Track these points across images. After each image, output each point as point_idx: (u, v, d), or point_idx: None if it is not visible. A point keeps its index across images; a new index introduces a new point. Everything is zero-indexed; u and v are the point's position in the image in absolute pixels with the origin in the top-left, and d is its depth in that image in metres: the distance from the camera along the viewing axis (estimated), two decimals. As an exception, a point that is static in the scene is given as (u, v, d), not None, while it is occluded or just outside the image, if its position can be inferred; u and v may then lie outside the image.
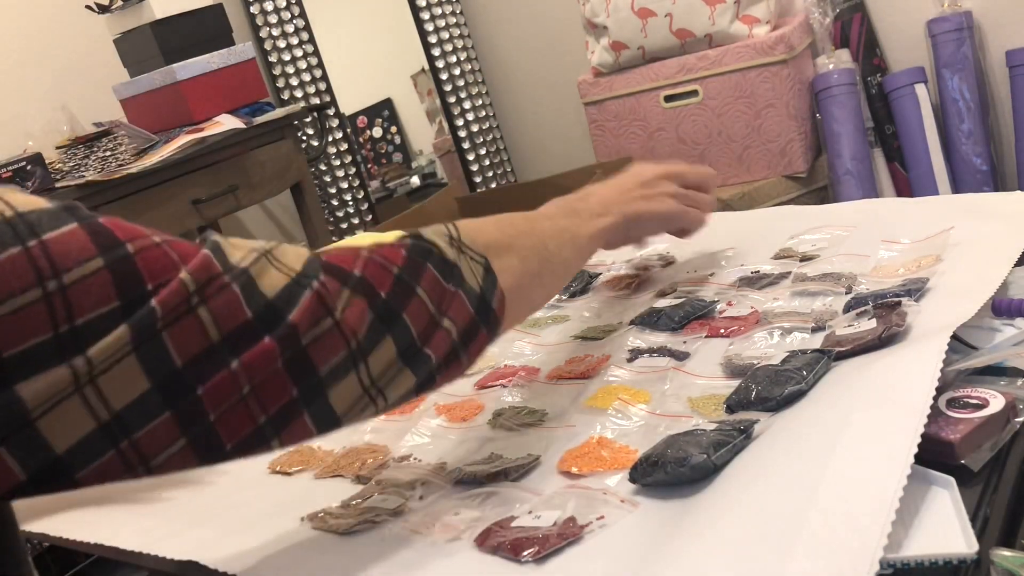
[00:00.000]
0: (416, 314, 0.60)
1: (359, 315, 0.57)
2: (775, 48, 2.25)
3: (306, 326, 0.54)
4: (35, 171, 1.86)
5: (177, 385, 0.49)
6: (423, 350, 0.61)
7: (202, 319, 0.50)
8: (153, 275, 0.49)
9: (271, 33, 2.72)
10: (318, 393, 0.55)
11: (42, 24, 2.36)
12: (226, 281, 0.51)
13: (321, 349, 0.55)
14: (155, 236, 0.51)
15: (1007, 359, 0.68)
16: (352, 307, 0.56)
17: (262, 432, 0.53)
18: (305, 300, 0.54)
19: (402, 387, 0.61)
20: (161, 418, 0.49)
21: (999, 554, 0.49)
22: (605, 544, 0.60)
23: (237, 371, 0.51)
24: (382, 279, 0.59)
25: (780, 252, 1.04)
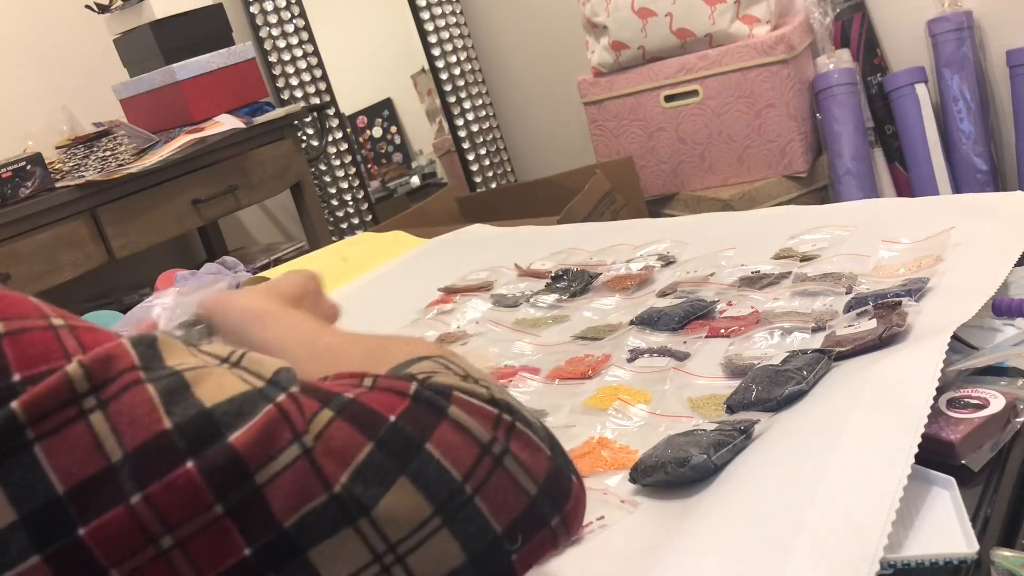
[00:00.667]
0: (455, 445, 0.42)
1: (348, 445, 0.40)
2: (775, 48, 2.25)
3: (257, 457, 0.38)
4: (35, 171, 1.86)
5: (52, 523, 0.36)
6: (473, 501, 0.41)
7: (95, 429, 0.36)
8: (26, 363, 0.37)
9: (271, 33, 2.72)
10: (289, 554, 0.38)
11: (42, 24, 2.36)
12: (138, 378, 0.38)
13: (286, 491, 0.38)
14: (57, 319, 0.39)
15: (1007, 359, 0.68)
16: (335, 432, 0.40)
17: None
18: (261, 417, 0.39)
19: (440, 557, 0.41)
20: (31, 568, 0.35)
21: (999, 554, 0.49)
22: (605, 544, 0.60)
23: (139, 509, 0.36)
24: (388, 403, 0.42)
25: (780, 252, 1.04)
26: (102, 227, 1.92)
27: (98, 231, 1.91)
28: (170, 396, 0.38)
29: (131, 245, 1.96)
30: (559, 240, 1.35)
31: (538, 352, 0.97)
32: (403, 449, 0.41)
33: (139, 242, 1.97)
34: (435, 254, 1.52)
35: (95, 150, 2.02)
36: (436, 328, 1.13)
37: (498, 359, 0.97)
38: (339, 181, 2.81)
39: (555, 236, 1.42)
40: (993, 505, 0.55)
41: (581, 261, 1.23)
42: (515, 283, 1.23)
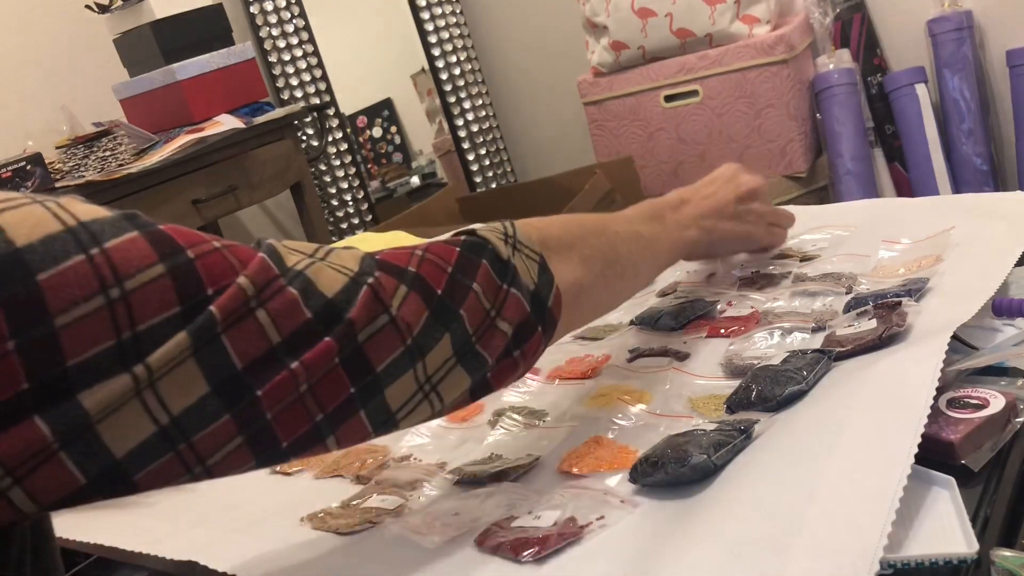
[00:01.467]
0: (471, 311, 0.60)
1: (415, 311, 0.57)
2: (775, 48, 2.25)
3: (363, 323, 0.54)
4: (35, 171, 1.86)
5: (236, 388, 0.49)
6: (477, 349, 0.61)
7: (261, 322, 0.50)
8: (213, 279, 0.49)
9: (271, 33, 2.72)
10: (375, 391, 0.55)
11: (42, 24, 2.36)
12: (283, 284, 0.52)
13: (378, 346, 0.55)
14: (214, 241, 0.51)
15: (1007, 359, 0.68)
16: (408, 303, 0.56)
17: (318, 430, 0.53)
18: (362, 297, 0.54)
19: (457, 387, 0.60)
20: (220, 421, 0.49)
21: (1000, 554, 0.49)
22: (605, 544, 0.60)
23: (296, 371, 0.51)
24: (437, 276, 0.59)
25: (780, 252, 1.04)
26: (102, 227, 1.91)
27: (98, 231, 1.91)
28: (304, 292, 0.52)
29: (131, 245, 1.95)
30: (559, 240, 1.35)
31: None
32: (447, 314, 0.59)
33: (139, 242, 1.97)
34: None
35: (95, 150, 2.02)
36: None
37: (498, 359, 0.97)
38: (339, 181, 2.81)
39: (555, 236, 1.41)
40: (993, 505, 0.55)
41: (581, 261, 1.22)
42: (515, 283, 1.22)
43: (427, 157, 3.24)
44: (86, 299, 0.44)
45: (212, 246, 0.50)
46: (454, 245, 0.62)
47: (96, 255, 0.45)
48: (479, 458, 0.76)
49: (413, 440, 0.83)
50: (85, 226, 0.46)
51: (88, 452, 0.45)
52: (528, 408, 0.83)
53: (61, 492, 0.45)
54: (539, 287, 0.65)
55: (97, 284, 0.45)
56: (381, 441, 0.85)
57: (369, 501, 0.73)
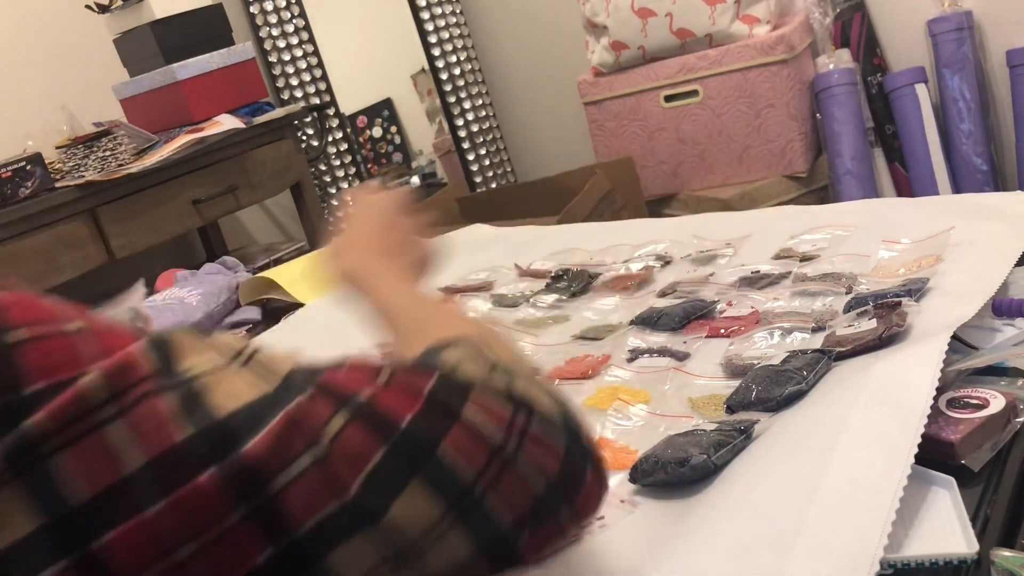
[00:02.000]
0: (467, 448, 0.43)
1: (361, 449, 0.40)
2: (775, 48, 2.25)
3: (272, 464, 0.38)
4: (35, 171, 1.86)
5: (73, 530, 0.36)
6: (483, 498, 0.42)
7: (113, 440, 0.37)
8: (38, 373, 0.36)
9: (271, 33, 2.72)
10: (306, 559, 0.39)
11: (42, 24, 2.36)
12: (152, 388, 0.38)
13: (301, 497, 0.39)
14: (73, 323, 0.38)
15: (1007, 359, 0.68)
16: (348, 436, 0.40)
17: None
18: (275, 422, 0.39)
19: (450, 552, 0.42)
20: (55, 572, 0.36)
21: (999, 554, 0.49)
22: (605, 544, 0.60)
23: (161, 517, 0.37)
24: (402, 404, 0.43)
25: (780, 252, 1.04)
26: (102, 227, 1.92)
27: (98, 231, 1.91)
28: (186, 406, 0.38)
29: (131, 245, 1.96)
30: (559, 240, 1.35)
31: (538, 352, 0.97)
32: (416, 454, 0.41)
33: (139, 242, 1.97)
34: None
35: (95, 150, 2.02)
36: (436, 328, 1.13)
37: (498, 359, 0.97)
38: (339, 181, 2.81)
39: (555, 236, 1.42)
40: (993, 505, 0.55)
41: (581, 261, 1.23)
42: (515, 283, 1.23)
43: (427, 157, 3.23)
44: None
45: (57, 328, 0.38)
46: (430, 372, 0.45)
47: None
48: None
49: (413, 440, 0.83)
50: None
51: None
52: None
53: None
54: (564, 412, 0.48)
55: None
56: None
57: (369, 501, 0.73)
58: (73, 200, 1.87)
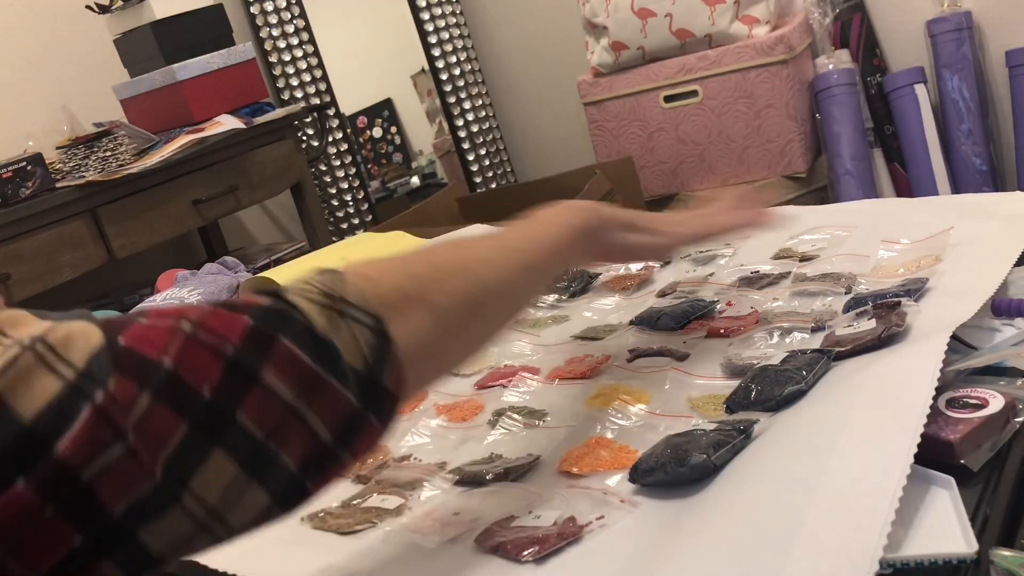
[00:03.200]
0: (261, 411, 0.44)
1: (163, 433, 0.41)
2: (775, 48, 2.25)
3: (83, 458, 0.38)
4: (35, 171, 1.86)
5: None
6: (276, 455, 0.45)
7: None
8: None
9: (271, 33, 2.72)
10: (120, 538, 0.40)
11: (42, 24, 2.36)
12: None
13: (112, 484, 0.39)
14: None
15: (1007, 359, 0.68)
16: (151, 420, 0.41)
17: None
18: (81, 421, 0.39)
19: (251, 507, 0.45)
20: None
21: (999, 554, 0.49)
22: (605, 544, 0.60)
23: None
24: (205, 368, 0.43)
25: (780, 252, 1.04)
26: (102, 227, 1.92)
27: (98, 231, 1.91)
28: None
29: (131, 245, 1.96)
30: (559, 240, 1.35)
31: (538, 352, 0.97)
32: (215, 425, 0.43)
33: (139, 242, 1.97)
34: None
35: (95, 150, 2.02)
36: (436, 328, 1.13)
37: (498, 359, 0.97)
38: (339, 181, 2.81)
39: (555, 236, 1.41)
40: (992, 505, 0.55)
41: (581, 261, 1.23)
42: (515, 283, 1.22)
43: (427, 157, 3.24)
44: None
45: None
46: (243, 312, 0.46)
47: None
48: (479, 458, 0.76)
49: (413, 440, 0.83)
50: None
51: None
52: (528, 408, 0.83)
53: None
54: (372, 365, 0.50)
55: None
56: (381, 441, 0.84)
57: (369, 501, 0.73)
58: (73, 200, 1.87)
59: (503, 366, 0.95)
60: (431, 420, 0.86)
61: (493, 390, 0.90)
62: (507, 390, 0.88)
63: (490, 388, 0.90)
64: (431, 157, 3.23)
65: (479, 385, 0.92)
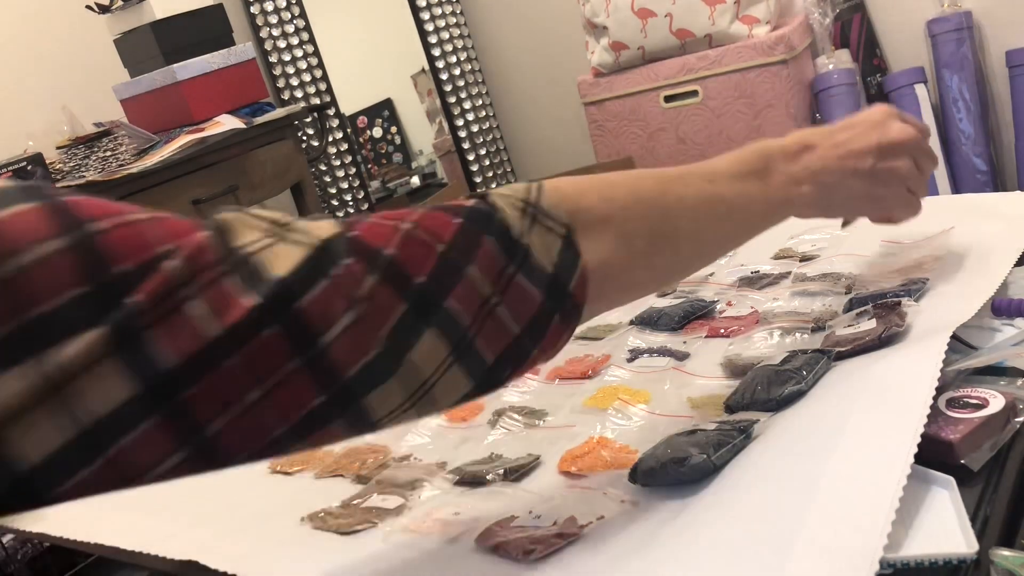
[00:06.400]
0: (466, 301, 0.51)
1: (385, 306, 0.48)
2: (775, 48, 2.25)
3: (321, 318, 0.46)
4: (35, 171, 1.86)
5: (166, 392, 0.42)
6: (475, 345, 0.51)
7: (194, 314, 0.43)
8: (126, 255, 0.42)
9: (271, 33, 2.72)
10: (349, 399, 0.47)
11: (42, 24, 2.36)
12: (223, 270, 0.44)
13: (344, 348, 0.46)
14: (135, 214, 0.44)
15: (1007, 359, 0.68)
16: (376, 296, 0.48)
17: (282, 443, 0.47)
18: (321, 288, 0.46)
19: (455, 390, 0.52)
20: (149, 427, 0.42)
21: (999, 554, 0.49)
22: (605, 544, 0.60)
23: (235, 370, 0.44)
24: (421, 259, 0.50)
25: (780, 252, 1.04)
26: (102, 227, 1.92)
27: (98, 231, 1.91)
28: (248, 279, 0.45)
29: (131, 245, 1.96)
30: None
31: (538, 352, 0.97)
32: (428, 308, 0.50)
33: (139, 242, 1.97)
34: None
35: (96, 150, 2.02)
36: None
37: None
38: (339, 181, 2.81)
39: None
40: (992, 505, 0.55)
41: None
42: (515, 283, 1.22)
43: (427, 157, 3.24)
44: None
45: (125, 219, 0.44)
46: (454, 214, 0.53)
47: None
48: (479, 458, 0.76)
49: (413, 440, 0.83)
50: None
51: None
52: (528, 408, 0.83)
53: None
54: (559, 269, 0.55)
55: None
56: (381, 441, 0.85)
57: (369, 501, 0.73)
58: (73, 200, 1.86)
59: (503, 366, 0.95)
60: (431, 420, 0.86)
61: (493, 390, 0.90)
62: (507, 390, 0.88)
63: (490, 388, 0.90)
64: (431, 157, 3.23)
65: (479, 385, 0.92)
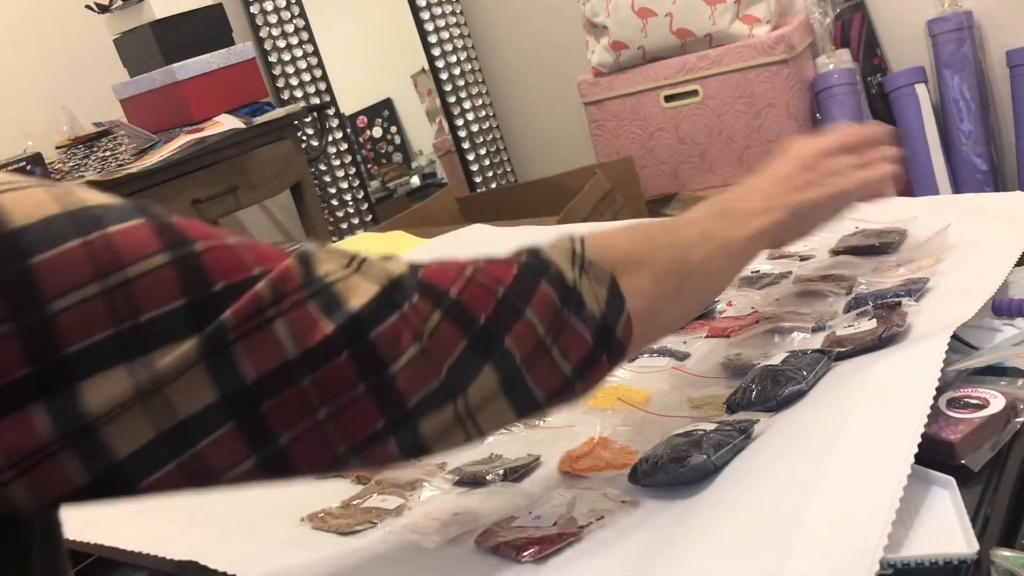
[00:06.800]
0: (521, 341, 0.54)
1: (448, 343, 0.52)
2: (775, 48, 2.25)
3: (389, 349, 0.49)
4: (35, 171, 1.86)
5: (246, 402, 0.46)
6: (528, 384, 0.55)
7: (276, 334, 0.47)
8: (221, 274, 0.46)
9: (271, 33, 2.72)
10: (406, 424, 0.51)
11: (42, 24, 2.36)
12: (305, 296, 0.48)
13: (409, 378, 0.50)
14: (230, 239, 0.49)
15: (1007, 359, 0.68)
16: (440, 334, 0.51)
17: (341, 460, 0.50)
18: (391, 322, 0.50)
19: (499, 419, 0.55)
20: (228, 435, 0.46)
21: (999, 554, 0.49)
22: (605, 544, 0.60)
23: (309, 389, 0.48)
24: (483, 301, 0.54)
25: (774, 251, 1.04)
26: (102, 227, 1.92)
27: (98, 231, 1.91)
28: (327, 307, 0.48)
29: (131, 245, 1.96)
30: (559, 240, 1.35)
31: (538, 352, 0.97)
32: (488, 345, 0.53)
33: (139, 242, 1.97)
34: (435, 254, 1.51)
35: (95, 150, 2.02)
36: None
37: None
38: (339, 181, 2.81)
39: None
40: (993, 505, 0.55)
41: (581, 261, 1.22)
42: (515, 283, 1.22)
43: (427, 157, 3.24)
44: (83, 285, 0.43)
45: (223, 242, 0.48)
46: (512, 264, 0.57)
47: (95, 239, 0.44)
48: (479, 458, 0.76)
49: (413, 440, 0.83)
50: (88, 210, 0.44)
51: (90, 452, 0.44)
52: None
53: (61, 490, 0.44)
54: (607, 315, 0.59)
55: (93, 270, 0.43)
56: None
57: (369, 501, 0.73)
58: (73, 200, 1.86)
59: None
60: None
61: (493, 390, 0.89)
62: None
63: (490, 388, 0.90)
64: (431, 157, 3.23)
65: (479, 385, 0.92)
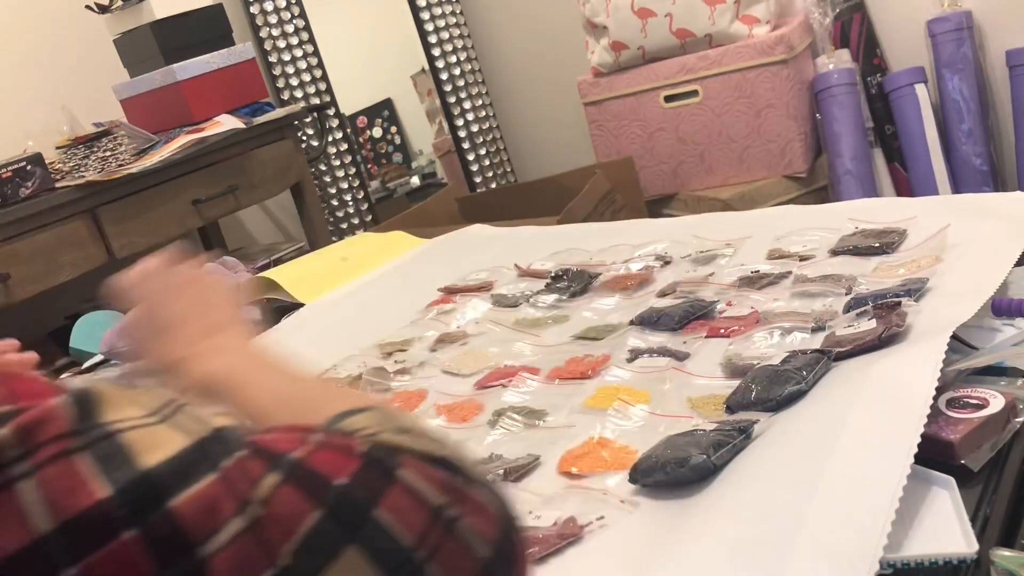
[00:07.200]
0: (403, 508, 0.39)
1: (291, 509, 0.37)
2: (775, 48, 2.25)
3: (199, 524, 0.35)
4: (35, 171, 1.86)
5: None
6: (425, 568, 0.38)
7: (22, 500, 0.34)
8: None
9: (271, 33, 2.72)
10: None
11: (42, 24, 2.36)
12: (72, 447, 0.35)
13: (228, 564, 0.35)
14: None
15: (1007, 359, 0.68)
16: (280, 496, 0.37)
17: None
18: (205, 483, 0.36)
19: None
20: None
21: (999, 554, 0.49)
22: (605, 544, 0.60)
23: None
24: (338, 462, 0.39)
25: (771, 252, 1.04)
26: (102, 227, 1.92)
27: (98, 231, 1.91)
28: (105, 462, 0.35)
29: (131, 245, 1.96)
30: (559, 240, 1.35)
31: (538, 352, 0.97)
32: (351, 517, 0.38)
33: (139, 242, 1.97)
34: (435, 254, 1.52)
35: (95, 150, 2.02)
36: (436, 328, 1.13)
37: (498, 359, 0.97)
38: (339, 181, 2.81)
39: (555, 236, 1.42)
40: (992, 505, 0.55)
41: (581, 261, 1.23)
42: (515, 283, 1.23)
43: (427, 157, 3.23)
44: None
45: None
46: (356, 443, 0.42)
47: None
48: (479, 458, 0.76)
49: (413, 440, 0.83)
50: None
51: None
52: (528, 408, 0.83)
53: None
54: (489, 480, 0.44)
55: None
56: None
57: (369, 501, 0.73)
58: (73, 200, 1.87)
59: (503, 366, 0.95)
60: (431, 420, 0.86)
61: (493, 390, 0.90)
62: (507, 390, 0.88)
63: (490, 388, 0.90)
64: (431, 157, 3.23)
65: (479, 385, 0.92)
